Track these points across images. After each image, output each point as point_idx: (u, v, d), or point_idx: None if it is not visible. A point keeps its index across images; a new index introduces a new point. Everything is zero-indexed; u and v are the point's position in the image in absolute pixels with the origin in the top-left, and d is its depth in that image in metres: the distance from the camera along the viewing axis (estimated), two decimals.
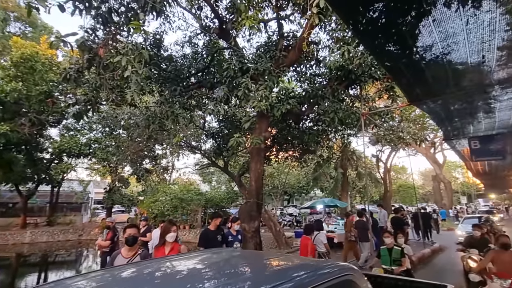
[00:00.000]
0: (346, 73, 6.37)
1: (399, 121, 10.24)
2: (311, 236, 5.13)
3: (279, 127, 9.41)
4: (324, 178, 23.02)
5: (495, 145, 7.74)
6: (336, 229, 10.76)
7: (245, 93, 5.24)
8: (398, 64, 4.35)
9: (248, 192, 6.20)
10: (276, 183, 22.41)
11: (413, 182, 17.44)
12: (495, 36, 3.36)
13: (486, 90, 5.38)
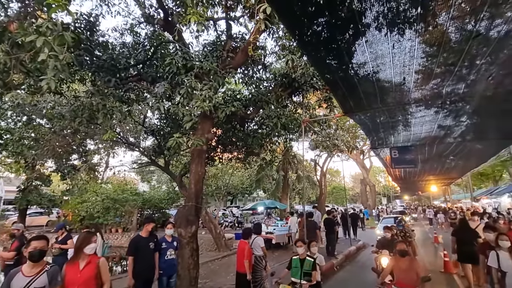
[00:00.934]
0: (290, 80, 6.61)
1: (335, 129, 11.11)
2: (248, 240, 5.15)
3: (224, 129, 9.30)
4: (266, 179, 23.68)
5: (409, 155, 8.94)
6: (275, 230, 11.12)
7: (188, 92, 5.00)
8: (336, 77, 4.68)
9: (187, 195, 5.92)
10: (219, 184, 22.18)
11: (344, 184, 19.12)
12: (413, 62, 3.86)
13: (405, 108, 6.18)
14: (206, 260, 9.84)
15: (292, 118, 8.38)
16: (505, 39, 3.49)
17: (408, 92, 5.29)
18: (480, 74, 4.47)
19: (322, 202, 18.73)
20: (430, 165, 12.63)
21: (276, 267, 8.20)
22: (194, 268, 5.43)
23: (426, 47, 3.77)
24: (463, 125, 7.09)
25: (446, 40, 3.48)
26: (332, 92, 6.02)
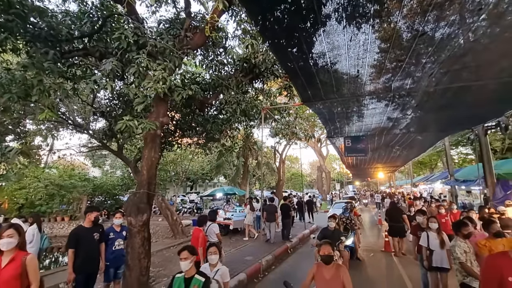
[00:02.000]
0: (251, 66, 6.48)
1: (295, 118, 11.34)
2: (203, 227, 5.07)
3: (183, 113, 8.91)
4: (227, 165, 23.59)
5: (361, 144, 9.50)
6: (233, 216, 11.20)
7: (140, 72, 4.60)
8: (295, 66, 4.68)
9: (139, 182, 5.59)
10: (178, 170, 21.53)
11: (301, 171, 19.88)
12: (367, 56, 4.00)
13: (359, 99, 6.48)
14: (161, 248, 9.59)
15: (252, 104, 8.31)
16: (446, 41, 3.77)
17: (362, 85, 5.53)
18: (424, 72, 4.82)
19: (280, 188, 19.33)
20: (379, 154, 13.69)
21: (232, 252, 8.33)
22: (145, 258, 5.21)
23: (380, 43, 3.92)
24: (408, 118, 7.71)
25: (396, 37, 3.65)
26: (291, 81, 6.05)
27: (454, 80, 5.03)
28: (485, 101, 6.07)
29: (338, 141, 10.95)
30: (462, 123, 8.42)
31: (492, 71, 4.67)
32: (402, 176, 34.20)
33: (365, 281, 5.98)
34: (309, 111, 16.48)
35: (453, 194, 12.14)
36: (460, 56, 4.14)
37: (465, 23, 3.47)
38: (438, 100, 6.04)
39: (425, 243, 4.61)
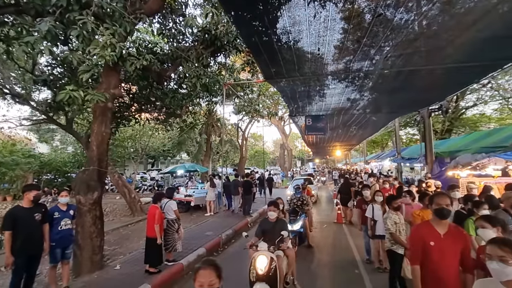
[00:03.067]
0: (212, 38, 6.14)
1: (258, 95, 11.27)
2: (159, 204, 4.95)
3: (140, 85, 8.30)
4: (190, 142, 23.06)
5: (320, 123, 9.82)
6: (195, 193, 11.14)
7: (84, 35, 4.09)
8: (257, 41, 4.51)
9: (88, 158, 5.19)
10: (137, 146, 20.50)
11: (263, 149, 20.23)
12: (327, 34, 4.00)
13: (319, 79, 6.59)
14: (117, 226, 9.27)
15: (214, 79, 8.02)
16: (401, 25, 3.91)
17: (323, 64, 5.59)
18: (380, 54, 5.01)
19: (242, 165, 19.53)
20: (337, 133, 14.38)
21: (193, 228, 8.35)
22: (98, 237, 4.98)
23: (341, 22, 3.93)
24: (364, 99, 8.09)
25: (356, 16, 3.67)
26: (254, 57, 5.89)
27: (406, 64, 5.31)
28: (431, 85, 6.55)
29: (300, 119, 11.22)
30: (411, 106, 9.10)
31: (439, 56, 5.00)
32: (357, 154, 36.68)
33: (316, 249, 6.46)
34: (273, 89, 16.53)
35: (398, 171, 13.38)
36: (413, 40, 4.35)
37: (421, 10, 3.61)
38: (391, 83, 6.38)
39: (370, 214, 5.05)
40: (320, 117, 9.64)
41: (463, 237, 2.45)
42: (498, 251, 1.69)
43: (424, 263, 2.45)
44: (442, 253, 2.39)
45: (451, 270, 2.37)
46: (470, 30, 3.95)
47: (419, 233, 2.53)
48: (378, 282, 4.50)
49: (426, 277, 2.44)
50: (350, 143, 19.46)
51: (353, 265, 5.43)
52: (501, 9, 3.52)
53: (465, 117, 18.71)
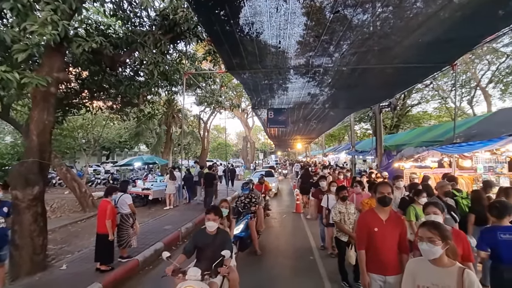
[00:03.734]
0: (171, 24, 5.83)
1: (220, 87, 11.08)
2: (111, 199, 4.65)
3: (91, 71, 7.60)
4: (149, 133, 21.97)
5: (282, 116, 10.01)
6: (153, 186, 10.68)
7: (19, 9, 3.60)
8: (220, 31, 4.42)
9: (27, 149, 4.65)
10: (90, 137, 18.94)
11: (226, 141, 20.16)
12: (288, 27, 4.05)
13: (281, 72, 6.69)
14: (66, 223, 8.53)
15: (174, 68, 7.69)
16: (357, 25, 4.11)
17: (284, 58, 5.66)
18: (338, 51, 5.23)
19: (204, 157, 19.16)
20: (298, 126, 14.83)
21: (150, 222, 8.03)
22: (40, 235, 4.53)
23: (301, 16, 3.99)
24: (324, 95, 8.41)
25: (315, 12, 3.76)
26: (216, 46, 5.76)
27: (360, 62, 5.61)
28: (382, 83, 7.03)
29: (263, 112, 11.32)
30: (364, 102, 9.71)
31: (389, 56, 5.37)
32: (316, 147, 38.33)
33: (275, 238, 6.67)
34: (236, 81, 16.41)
35: (353, 163, 14.30)
36: (366, 39, 4.60)
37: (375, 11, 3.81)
38: (347, 79, 6.71)
39: (325, 204, 5.33)
40: (282, 110, 9.82)
41: (401, 222, 2.72)
42: (427, 233, 1.86)
43: (368, 247, 2.66)
44: (384, 238, 2.61)
45: (392, 252, 2.60)
46: (415, 33, 4.29)
47: (365, 220, 2.74)
48: (330, 267, 4.79)
49: (370, 259, 2.65)
50: (310, 136, 20.22)
51: (309, 252, 5.71)
52: (442, 16, 3.89)
53: (410, 114, 20.60)
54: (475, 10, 3.72)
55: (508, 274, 2.63)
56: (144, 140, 22.70)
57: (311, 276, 4.58)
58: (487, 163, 6.22)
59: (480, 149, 5.23)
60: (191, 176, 11.24)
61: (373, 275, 2.63)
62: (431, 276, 1.83)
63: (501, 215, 2.70)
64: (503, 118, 6.69)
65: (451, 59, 5.61)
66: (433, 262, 1.86)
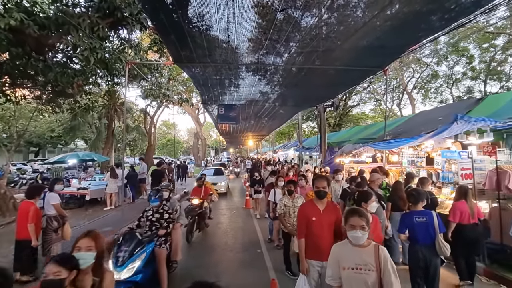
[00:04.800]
0: (111, 7, 5.33)
1: (168, 80, 10.57)
2: (35, 200, 4.09)
3: (12, 53, 6.54)
4: (87, 128, 19.95)
5: (233, 112, 10.01)
6: (91, 185, 9.73)
7: None
8: (166, 20, 4.19)
9: None
10: (12, 131, 16.38)
11: (174, 137, 19.44)
12: (236, 21, 4.03)
13: (231, 68, 6.65)
14: None
15: (115, 57, 7.08)
16: (302, 25, 4.29)
17: (234, 53, 5.64)
18: (287, 51, 5.41)
19: (150, 153, 18.04)
20: (249, 123, 15.00)
21: (86, 224, 7.33)
22: None
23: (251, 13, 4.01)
24: (275, 93, 8.65)
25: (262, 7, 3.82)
26: (161, 36, 5.46)
27: (306, 62, 5.90)
28: (326, 83, 7.50)
29: (214, 109, 11.16)
30: (311, 101, 10.26)
31: (331, 58, 5.75)
32: (267, 144, 39.35)
33: (223, 234, 6.67)
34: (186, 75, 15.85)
35: (300, 159, 15.04)
36: (311, 40, 4.84)
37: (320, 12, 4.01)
38: (295, 79, 7.00)
39: (272, 198, 5.50)
40: (232, 107, 9.80)
41: (337, 210, 2.95)
42: (360, 221, 1.98)
43: (308, 236, 2.84)
44: (321, 226, 2.81)
45: (328, 239, 2.80)
46: (352, 38, 4.67)
47: (304, 211, 2.92)
48: (276, 258, 4.97)
49: (309, 247, 2.82)
50: (261, 133, 20.62)
51: (256, 245, 5.84)
52: (375, 24, 4.29)
53: (351, 114, 22.50)
54: (403, 21, 4.20)
55: (422, 252, 3.04)
56: (82, 135, 20.48)
57: (258, 268, 4.70)
58: (410, 158, 7.13)
59: (405, 145, 5.96)
60: (135, 174, 10.54)
61: (312, 261, 2.80)
62: (354, 257, 1.99)
63: (416, 201, 3.11)
64: (423, 119, 7.75)
65: (383, 64, 6.25)
66: (355, 245, 2.01)
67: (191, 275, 3.45)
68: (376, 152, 8.51)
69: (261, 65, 6.16)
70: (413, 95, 20.45)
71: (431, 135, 5.02)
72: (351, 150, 7.89)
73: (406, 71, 20.09)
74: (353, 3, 3.82)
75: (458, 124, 4.28)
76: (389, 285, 1.87)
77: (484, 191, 4.58)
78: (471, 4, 3.93)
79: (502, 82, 17.48)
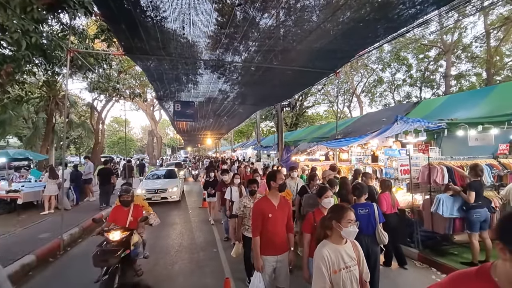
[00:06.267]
0: None
1: (119, 72, 9.83)
2: None
3: None
4: (21, 123, 17.65)
5: (190, 110, 9.71)
6: (24, 187, 8.58)
7: None
8: (116, 7, 3.87)
9: None
10: None
11: (126, 135, 18.23)
12: (191, 12, 3.88)
13: (187, 63, 6.42)
14: None
15: (55, 43, 6.35)
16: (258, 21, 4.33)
17: (195, 51, 5.49)
18: (246, 48, 5.40)
19: (97, 152, 16.39)
20: (208, 121, 14.72)
21: (18, 232, 6.46)
22: None
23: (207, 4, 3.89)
24: (233, 91, 8.59)
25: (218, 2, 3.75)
26: (110, 24, 5.04)
27: (264, 61, 5.97)
28: (283, 83, 7.69)
29: (171, 106, 10.69)
30: (268, 100, 10.43)
31: (288, 59, 5.90)
32: (226, 143, 39.14)
33: (179, 235, 6.44)
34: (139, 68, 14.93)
35: (258, 157, 15.25)
36: (268, 38, 4.90)
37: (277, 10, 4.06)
38: (253, 77, 7.04)
39: (228, 196, 5.45)
40: (189, 104, 9.49)
41: (288, 205, 3.03)
42: (353, 215, 2.00)
43: (263, 233, 2.81)
44: (276, 222, 2.82)
45: (282, 233, 2.86)
46: (307, 40, 4.85)
47: (260, 208, 2.86)
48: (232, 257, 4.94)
49: (265, 243, 2.80)
50: (220, 132, 20.38)
51: (212, 244, 5.74)
52: (327, 27, 4.51)
53: (306, 115, 23.50)
54: (352, 28, 4.48)
55: (366, 241, 3.27)
56: (15, 131, 17.98)
57: (213, 266, 4.62)
58: (358, 155, 7.69)
59: (353, 143, 6.41)
60: (79, 174, 9.60)
61: (267, 257, 2.80)
62: (342, 257, 1.94)
63: (360, 194, 3.34)
64: (369, 120, 8.42)
65: (335, 67, 6.63)
66: (338, 243, 1.98)
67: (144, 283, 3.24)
68: (329, 150, 9.00)
69: (220, 61, 6.07)
70: (361, 98, 22.16)
71: (375, 134, 5.46)
72: (306, 148, 8.22)
73: (356, 75, 21.68)
74: (308, 8, 3.97)
75: (398, 124, 4.72)
76: (367, 275, 1.97)
77: (419, 184, 5.13)
78: (410, 17, 4.37)
79: (434, 89, 19.88)
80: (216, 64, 6.26)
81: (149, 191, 9.87)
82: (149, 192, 9.86)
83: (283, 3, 3.78)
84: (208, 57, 5.88)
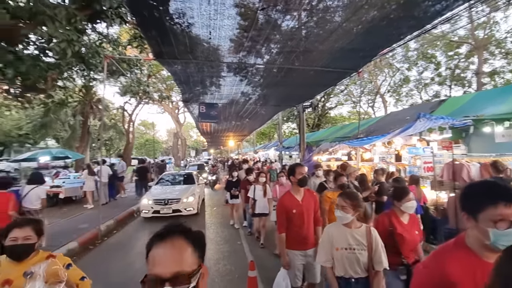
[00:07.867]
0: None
1: (148, 76, 10.43)
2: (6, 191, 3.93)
3: None
4: (59, 126, 19.07)
5: (214, 111, 10.08)
6: (65, 183, 9.36)
7: None
8: (148, 14, 4.23)
9: None
10: None
11: (154, 137, 19.00)
12: (218, 17, 4.15)
13: (213, 65, 6.73)
14: None
15: (93, 50, 6.94)
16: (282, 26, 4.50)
17: (219, 55, 5.77)
18: (268, 50, 5.60)
19: (128, 152, 17.39)
20: (230, 123, 15.08)
21: (62, 222, 7.10)
22: None
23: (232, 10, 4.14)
24: (256, 93, 8.82)
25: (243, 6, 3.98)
26: (142, 31, 5.45)
27: (286, 62, 6.12)
28: (305, 84, 7.78)
29: (194, 107, 11.13)
30: (290, 101, 10.54)
31: (310, 59, 6.01)
32: (248, 145, 39.52)
33: (202, 227, 6.75)
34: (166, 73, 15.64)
35: (280, 158, 15.34)
36: (290, 39, 5.06)
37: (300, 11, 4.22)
38: (275, 79, 7.20)
39: (252, 194, 5.62)
40: (214, 105, 9.84)
41: (314, 197, 3.01)
42: (342, 202, 2.17)
43: (289, 228, 2.83)
44: (301, 216, 2.83)
45: (310, 227, 2.87)
46: (329, 40, 4.94)
47: (283, 204, 2.89)
48: (255, 251, 5.13)
49: (292, 238, 2.82)
50: (242, 133, 20.71)
51: (237, 238, 5.97)
52: (349, 26, 4.59)
53: (329, 116, 23.23)
54: (374, 26, 4.51)
55: None
56: (53, 133, 19.48)
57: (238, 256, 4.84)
58: (381, 155, 7.59)
59: (376, 141, 6.36)
60: (113, 172, 10.31)
61: (296, 251, 2.82)
62: (347, 238, 2.12)
63: None
64: (392, 119, 8.27)
65: (357, 67, 6.62)
66: (347, 225, 2.16)
67: None
68: (351, 150, 8.94)
69: (243, 64, 6.30)
70: (386, 98, 21.55)
71: (398, 132, 5.41)
72: (328, 148, 8.24)
73: (380, 74, 21.14)
74: (331, 8, 4.08)
75: (421, 122, 4.67)
76: (379, 264, 2.06)
77: (443, 182, 5.03)
78: (436, 13, 4.31)
79: (465, 87, 18.91)
80: (239, 67, 6.49)
81: (157, 202, 7.66)
82: (158, 203, 7.65)
83: (305, 4, 3.93)
84: (231, 60, 6.14)
